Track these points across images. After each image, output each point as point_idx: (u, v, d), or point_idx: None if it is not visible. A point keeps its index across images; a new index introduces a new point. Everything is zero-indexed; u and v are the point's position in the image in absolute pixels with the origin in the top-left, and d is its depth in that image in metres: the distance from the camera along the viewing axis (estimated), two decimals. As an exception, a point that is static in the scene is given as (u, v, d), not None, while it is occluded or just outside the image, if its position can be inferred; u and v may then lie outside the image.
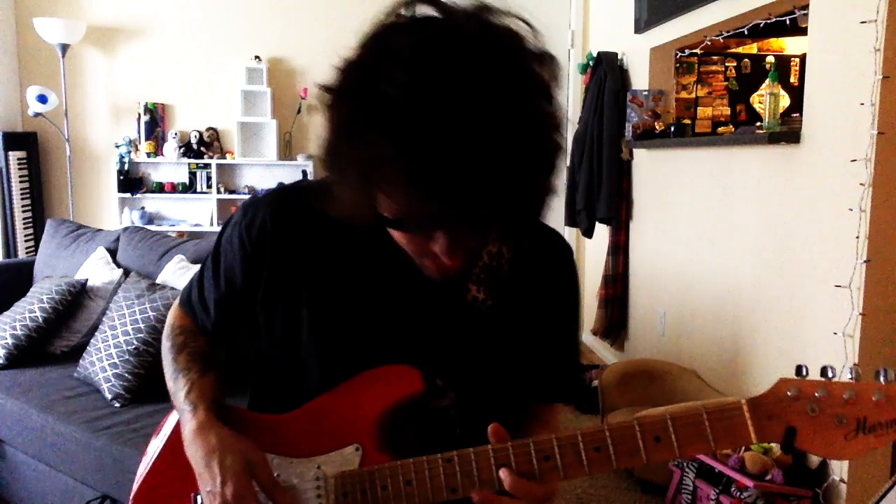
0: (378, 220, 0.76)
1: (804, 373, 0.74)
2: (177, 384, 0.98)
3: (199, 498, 0.92)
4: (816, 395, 0.73)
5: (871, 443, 0.71)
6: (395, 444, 0.91)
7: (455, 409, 0.95)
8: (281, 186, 1.00)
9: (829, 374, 0.74)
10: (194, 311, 1.06)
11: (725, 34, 3.30)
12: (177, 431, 0.96)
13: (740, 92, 3.83)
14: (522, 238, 0.98)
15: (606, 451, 0.77)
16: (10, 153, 4.58)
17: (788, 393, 0.73)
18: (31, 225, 4.78)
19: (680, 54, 3.76)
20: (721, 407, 0.75)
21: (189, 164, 4.98)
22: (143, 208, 4.98)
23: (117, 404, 2.32)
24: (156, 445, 1.04)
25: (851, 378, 0.73)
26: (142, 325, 2.40)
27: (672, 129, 3.48)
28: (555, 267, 1.00)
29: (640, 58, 3.94)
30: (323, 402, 0.93)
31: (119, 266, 2.92)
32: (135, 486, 1.02)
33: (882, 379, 0.72)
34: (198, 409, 0.93)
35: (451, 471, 0.83)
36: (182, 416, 0.94)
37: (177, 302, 1.10)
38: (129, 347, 2.37)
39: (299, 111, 5.06)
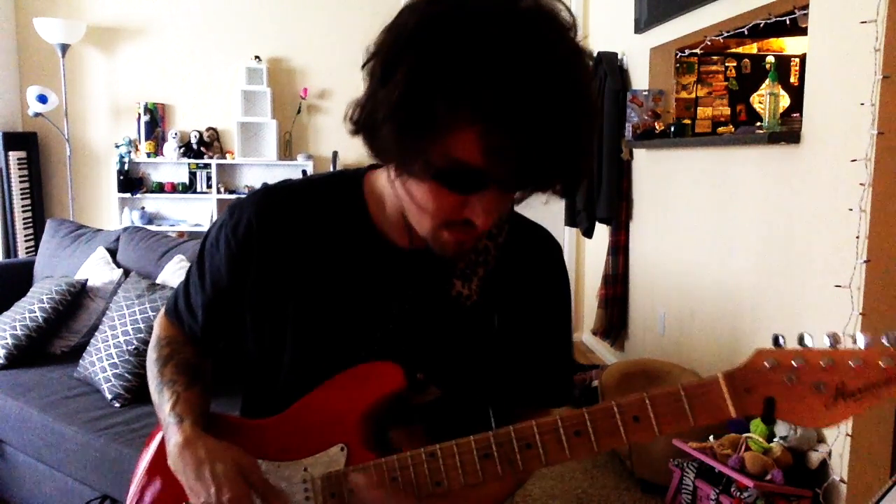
0: (425, 173, 0.75)
1: (781, 342, 0.73)
2: (162, 397, 0.98)
3: None
4: (794, 363, 0.71)
5: (852, 408, 0.69)
6: (381, 442, 0.91)
7: (439, 405, 0.95)
8: (266, 186, 0.99)
9: (807, 342, 0.72)
10: (181, 318, 1.05)
11: (725, 34, 3.30)
12: (162, 446, 0.94)
13: (740, 92, 3.83)
14: (510, 233, 0.96)
15: (587, 434, 0.77)
16: (10, 153, 4.58)
17: (766, 364, 0.72)
18: (31, 225, 4.78)
19: (680, 54, 3.76)
20: (697, 383, 0.74)
21: (189, 164, 4.98)
22: (143, 208, 4.98)
23: (117, 404, 2.32)
24: (145, 461, 1.02)
25: (829, 345, 0.71)
26: (142, 325, 2.40)
27: (672, 129, 3.47)
28: (543, 264, 0.99)
29: (640, 58, 3.94)
30: (306, 403, 0.93)
31: (119, 266, 2.92)
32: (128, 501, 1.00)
33: (885, 341, 0.69)
34: (184, 421, 0.92)
35: (435, 465, 0.82)
36: (167, 428, 0.93)
37: (162, 311, 1.09)
38: (129, 347, 2.37)
39: (299, 111, 5.06)
